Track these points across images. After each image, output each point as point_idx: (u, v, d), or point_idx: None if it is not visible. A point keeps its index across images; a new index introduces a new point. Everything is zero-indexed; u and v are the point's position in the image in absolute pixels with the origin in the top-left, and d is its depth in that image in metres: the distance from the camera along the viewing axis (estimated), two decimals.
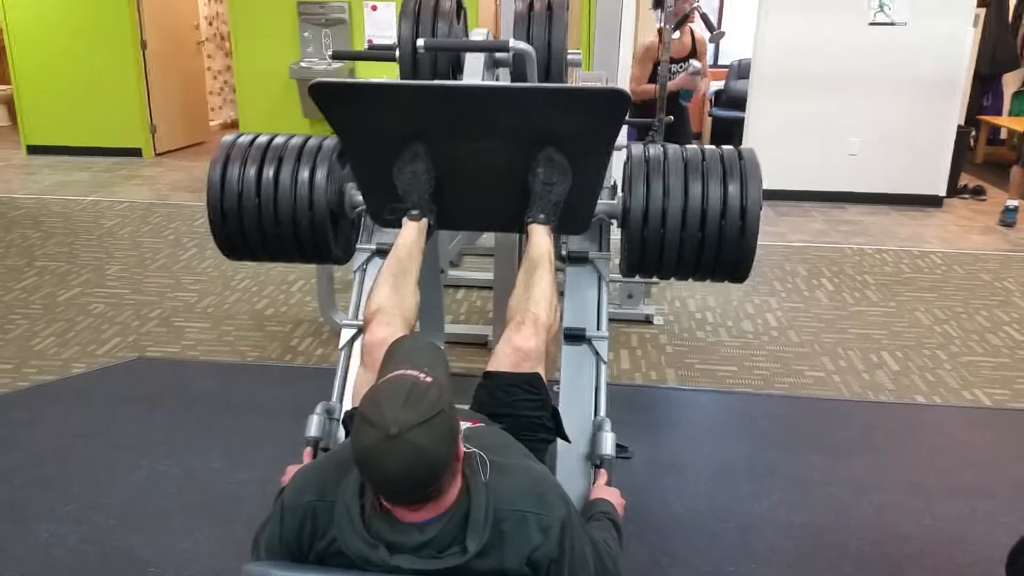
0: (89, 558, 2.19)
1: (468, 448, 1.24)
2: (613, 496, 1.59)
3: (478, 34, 2.60)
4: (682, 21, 4.72)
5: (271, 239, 2.16)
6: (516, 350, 1.63)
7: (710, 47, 4.93)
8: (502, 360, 1.64)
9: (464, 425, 1.44)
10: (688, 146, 2.08)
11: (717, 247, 1.98)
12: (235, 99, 7.41)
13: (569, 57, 2.56)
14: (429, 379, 1.17)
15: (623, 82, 4.67)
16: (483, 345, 3.54)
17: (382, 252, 2.20)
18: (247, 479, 2.54)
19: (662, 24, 3.95)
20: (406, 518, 1.19)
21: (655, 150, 2.06)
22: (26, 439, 2.77)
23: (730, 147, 2.07)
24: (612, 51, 3.54)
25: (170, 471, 2.59)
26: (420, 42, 2.35)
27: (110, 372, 3.29)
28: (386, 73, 6.07)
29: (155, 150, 7.40)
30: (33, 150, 7.34)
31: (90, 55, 7.07)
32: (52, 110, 7.22)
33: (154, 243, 4.91)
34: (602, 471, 1.73)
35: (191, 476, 2.56)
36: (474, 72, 2.40)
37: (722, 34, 4.84)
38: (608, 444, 1.79)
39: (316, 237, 2.15)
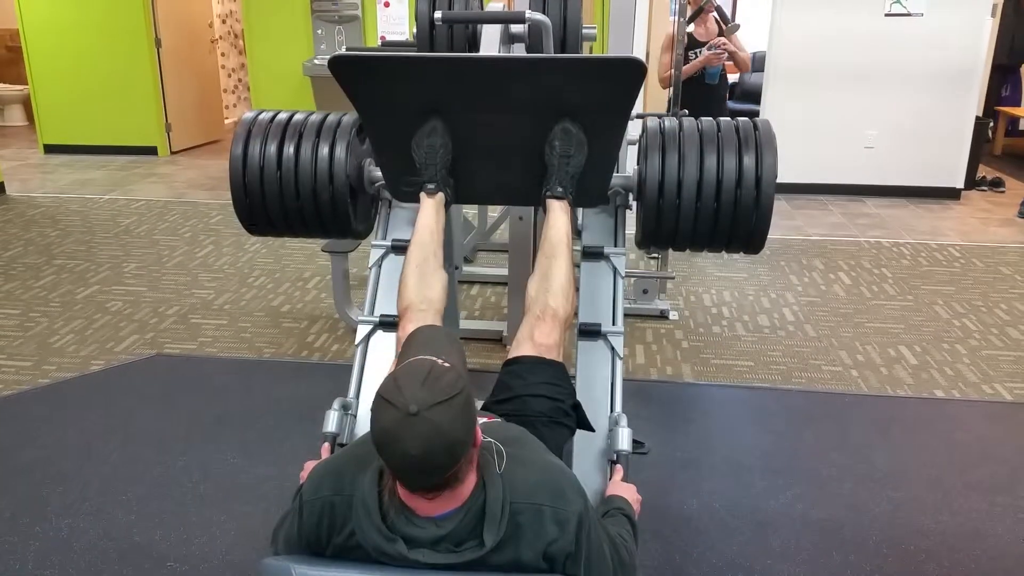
0: (108, 553, 2.21)
1: (484, 438, 1.24)
2: (629, 492, 1.60)
3: (494, 7, 2.63)
4: (696, 13, 4.71)
5: (292, 213, 2.21)
6: (537, 345, 1.69)
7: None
8: (524, 352, 1.69)
9: (480, 420, 1.44)
10: (703, 118, 2.09)
11: (732, 217, 2.00)
12: (249, 97, 7.45)
13: (584, 31, 2.57)
14: (447, 364, 1.18)
15: None
16: (498, 341, 3.54)
17: (397, 248, 2.21)
18: (264, 474, 2.55)
19: (675, 16, 3.93)
20: (424, 511, 1.19)
21: (670, 122, 2.08)
22: (45, 436, 2.79)
23: (745, 118, 2.09)
24: (627, 47, 3.51)
25: (188, 467, 2.61)
26: (437, 14, 2.41)
27: (128, 369, 3.32)
28: None
29: (170, 148, 7.45)
30: (50, 149, 7.41)
31: (105, 54, 7.13)
32: (68, 109, 7.29)
33: (171, 241, 4.95)
34: (618, 467, 1.73)
35: (208, 472, 2.58)
36: (490, 46, 2.42)
37: (737, 27, 4.81)
38: (624, 439, 1.79)
39: (336, 211, 2.20)
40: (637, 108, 3.05)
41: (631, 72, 1.76)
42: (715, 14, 4.75)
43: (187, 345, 3.54)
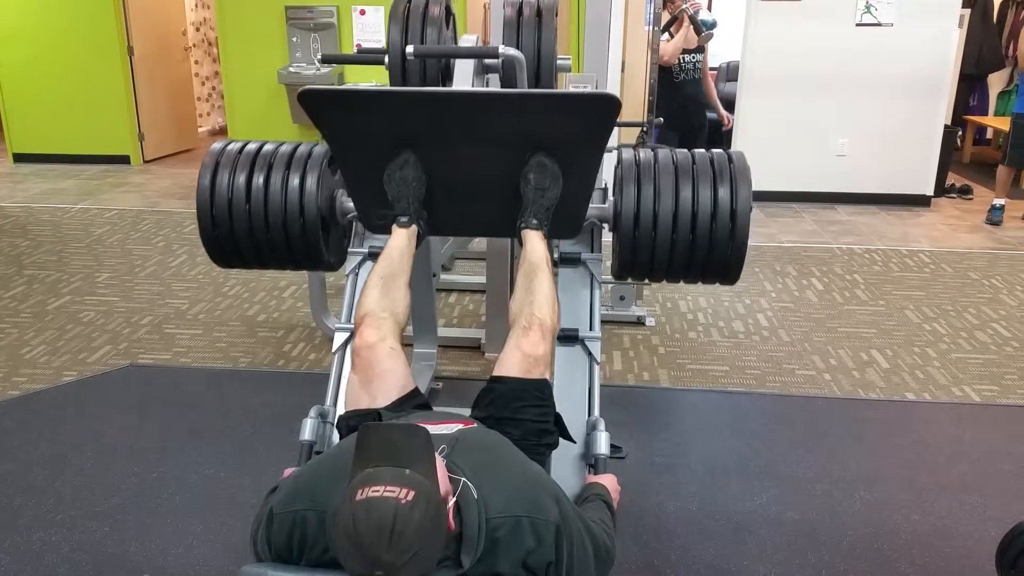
0: (81, 566, 2.18)
1: (455, 477, 1.22)
2: (609, 481, 1.63)
3: (467, 40, 2.59)
4: (671, 22, 4.77)
5: (262, 245, 2.15)
6: (526, 356, 1.63)
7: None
8: (511, 366, 1.63)
9: (456, 427, 1.44)
10: (678, 149, 2.11)
11: (708, 249, 2.00)
12: (223, 105, 7.39)
13: (558, 63, 2.57)
14: (410, 495, 1.07)
15: (613, 86, 4.70)
16: (476, 348, 3.54)
17: (374, 255, 2.21)
18: (240, 484, 2.53)
19: (650, 26, 3.98)
20: None
21: (645, 154, 2.08)
22: (17, 448, 2.75)
23: (720, 150, 2.10)
24: (602, 56, 3.56)
25: (163, 477, 2.58)
26: (409, 49, 2.34)
27: (101, 380, 3.28)
28: (375, 77, 6.07)
29: (143, 157, 7.37)
30: (20, 158, 7.29)
31: (76, 62, 7.04)
32: (39, 118, 7.18)
33: (144, 250, 4.90)
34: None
35: (184, 482, 2.56)
36: (464, 78, 2.40)
37: (711, 35, 4.88)
38: (602, 444, 1.80)
39: (308, 243, 2.15)
40: (612, 140, 3.07)
41: (606, 107, 1.77)
42: (690, 22, 4.81)
43: (161, 355, 3.51)
